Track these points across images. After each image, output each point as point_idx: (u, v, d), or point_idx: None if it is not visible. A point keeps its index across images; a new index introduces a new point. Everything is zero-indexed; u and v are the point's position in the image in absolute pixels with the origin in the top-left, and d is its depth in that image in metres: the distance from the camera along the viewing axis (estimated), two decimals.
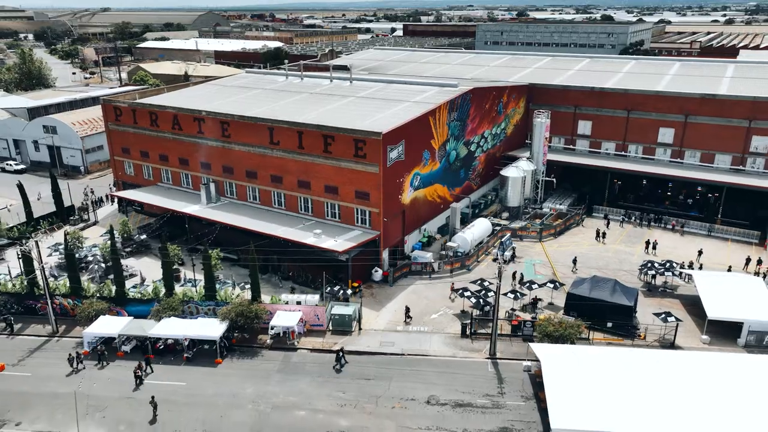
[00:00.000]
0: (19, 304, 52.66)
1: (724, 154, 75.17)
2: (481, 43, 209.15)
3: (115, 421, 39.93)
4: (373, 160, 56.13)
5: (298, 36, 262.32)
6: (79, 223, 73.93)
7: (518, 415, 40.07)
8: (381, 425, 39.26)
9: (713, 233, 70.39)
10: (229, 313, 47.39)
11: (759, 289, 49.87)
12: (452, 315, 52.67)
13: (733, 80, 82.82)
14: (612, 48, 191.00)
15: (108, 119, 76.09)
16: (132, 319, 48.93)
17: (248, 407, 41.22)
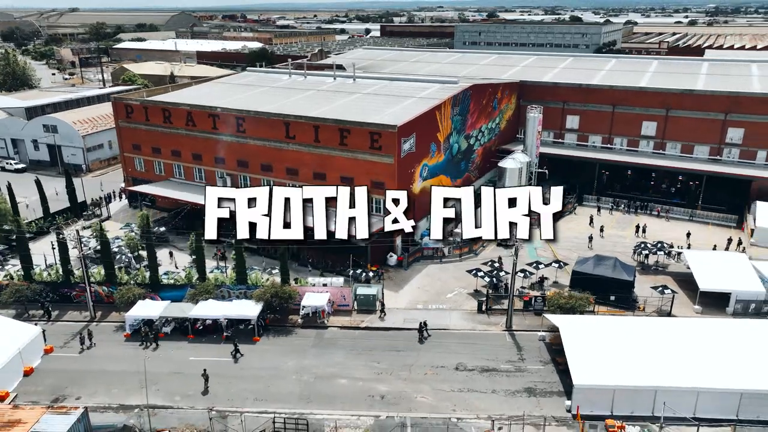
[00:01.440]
0: (55, 293, 54.91)
1: (702, 145, 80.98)
2: (460, 43, 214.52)
3: (170, 393, 42.87)
4: (388, 151, 59.93)
5: (278, 37, 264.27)
6: (92, 218, 75.88)
7: (539, 377, 44.35)
8: (417, 389, 43.10)
9: (694, 218, 75.96)
10: (265, 294, 50.66)
11: (743, 264, 55.23)
12: (466, 294, 56.83)
13: (708, 77, 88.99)
14: (586, 48, 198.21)
15: (118, 117, 78.18)
16: (170, 303, 51.76)
17: (292, 378, 44.62)
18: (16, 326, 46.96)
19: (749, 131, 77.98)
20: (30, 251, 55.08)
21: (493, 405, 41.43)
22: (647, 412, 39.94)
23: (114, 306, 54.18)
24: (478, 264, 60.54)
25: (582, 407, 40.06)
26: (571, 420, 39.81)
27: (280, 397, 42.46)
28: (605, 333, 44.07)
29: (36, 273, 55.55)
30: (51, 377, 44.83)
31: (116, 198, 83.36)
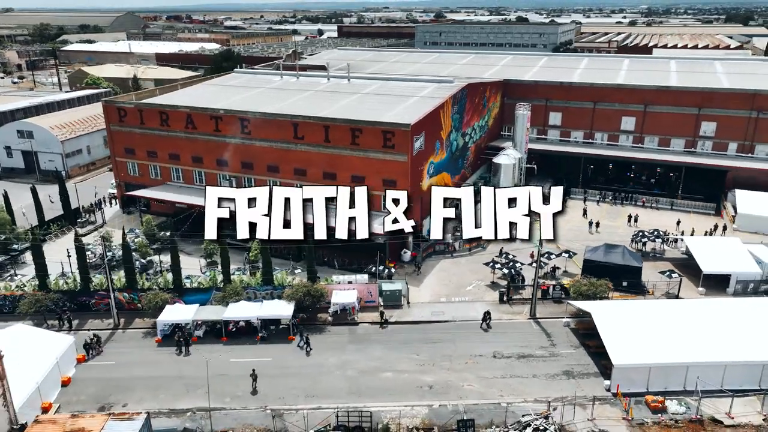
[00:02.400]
0: (72, 301, 53.60)
1: (678, 138, 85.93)
2: (421, 43, 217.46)
3: (219, 394, 42.82)
4: (401, 149, 61.24)
5: (235, 38, 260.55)
6: (86, 225, 73.91)
7: (573, 360, 46.67)
8: (462, 377, 44.65)
9: (675, 207, 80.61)
10: (297, 293, 51.09)
11: (739, 247, 59.35)
12: (484, 286, 58.79)
13: (678, 74, 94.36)
14: (544, 47, 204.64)
15: (110, 120, 76.33)
16: (199, 306, 51.46)
17: (336, 373, 45.36)
18: (50, 336, 45.80)
19: (721, 124, 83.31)
20: (45, 260, 53.47)
21: (536, 389, 43.41)
22: (680, 387, 42.79)
23: (136, 312, 53.48)
24: (487, 257, 62.65)
25: (621, 386, 42.54)
26: (613, 398, 42.18)
27: (329, 393, 43.13)
28: (634, 315, 46.81)
29: (52, 282, 54.00)
30: (91, 386, 43.99)
31: (106, 204, 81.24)
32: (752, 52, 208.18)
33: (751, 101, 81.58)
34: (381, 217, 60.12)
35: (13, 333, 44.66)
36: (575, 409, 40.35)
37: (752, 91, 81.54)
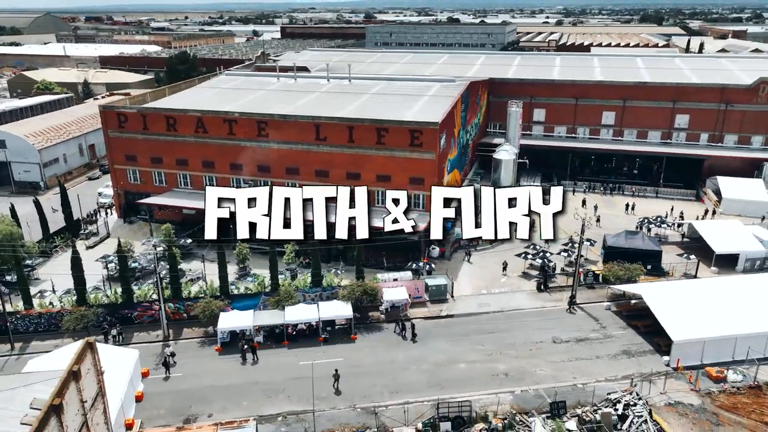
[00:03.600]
0: (113, 315, 51.50)
1: (655, 130, 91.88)
2: (372, 43, 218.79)
3: (302, 397, 42.64)
4: (429, 147, 62.55)
5: (177, 39, 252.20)
6: (90, 236, 70.62)
7: (627, 340, 49.65)
8: (532, 363, 46.60)
9: (659, 195, 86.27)
10: (354, 293, 51.41)
11: (741, 229, 64.68)
12: (517, 277, 61.09)
13: (646, 70, 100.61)
14: (492, 47, 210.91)
15: (108, 126, 73.19)
16: (255, 311, 50.80)
17: (412, 368, 46.19)
18: (116, 351, 43.94)
19: (693, 117, 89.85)
20: (84, 273, 51.07)
21: (602, 369, 45.98)
22: (729, 358, 46.52)
23: (183, 322, 52.14)
24: (513, 250, 64.88)
25: (680, 360, 45.80)
26: (674, 372, 45.33)
27: (412, 387, 43.94)
28: (680, 295, 50.41)
29: (92, 296, 51.66)
30: (166, 399, 42.70)
31: (100, 214, 77.81)
32: (679, 50, 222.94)
33: (720, 95, 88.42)
34: (414, 213, 61.27)
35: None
36: (646, 384, 43.12)
37: (721, 85, 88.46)
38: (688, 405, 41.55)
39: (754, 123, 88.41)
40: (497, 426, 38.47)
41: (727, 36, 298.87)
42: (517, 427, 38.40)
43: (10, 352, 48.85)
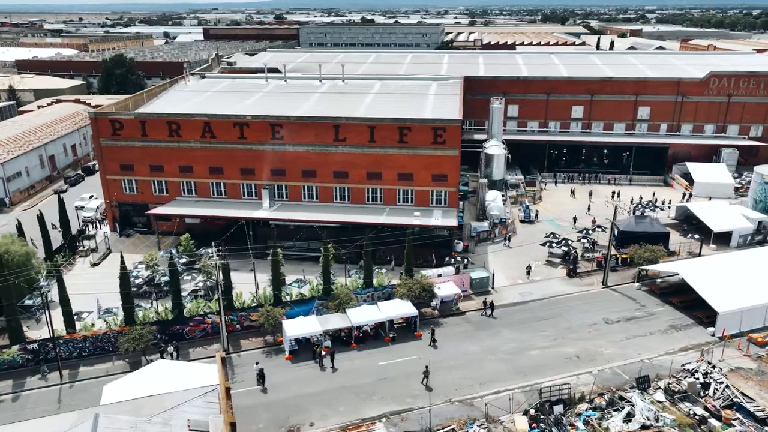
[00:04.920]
0: (164, 332, 48.73)
1: (620, 122, 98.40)
2: (306, 44, 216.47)
3: (397, 396, 42.65)
4: (452, 144, 63.85)
5: (94, 42, 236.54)
6: (90, 253, 65.93)
7: (669, 316, 53.39)
8: (595, 344, 49.07)
9: (633, 182, 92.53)
10: (414, 289, 51.70)
11: (728, 208, 71.01)
12: (542, 265, 63.69)
13: (605, 66, 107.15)
14: (427, 46, 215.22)
15: (101, 135, 68.55)
16: (317, 317, 49.85)
17: (489, 358, 47.29)
18: (198, 367, 41.69)
19: (654, 109, 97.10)
20: (131, 290, 47.88)
21: (659, 344, 49.25)
22: (761, 324, 51.34)
23: (236, 334, 50.26)
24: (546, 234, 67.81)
25: (724, 330, 49.98)
26: (722, 341, 49.36)
27: (499, 376, 45.01)
28: (712, 269, 54.76)
29: (141, 315, 48.58)
30: (261, 411, 41.14)
31: (89, 228, 72.69)
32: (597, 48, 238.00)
33: (676, 87, 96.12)
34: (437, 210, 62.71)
35: (165, 369, 40.24)
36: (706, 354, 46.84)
37: (677, 79, 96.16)
38: (748, 369, 45.52)
39: (706, 113, 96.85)
40: (601, 404, 40.39)
41: (627, 35, 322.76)
42: (619, 403, 40.49)
43: (60, 381, 45.00)
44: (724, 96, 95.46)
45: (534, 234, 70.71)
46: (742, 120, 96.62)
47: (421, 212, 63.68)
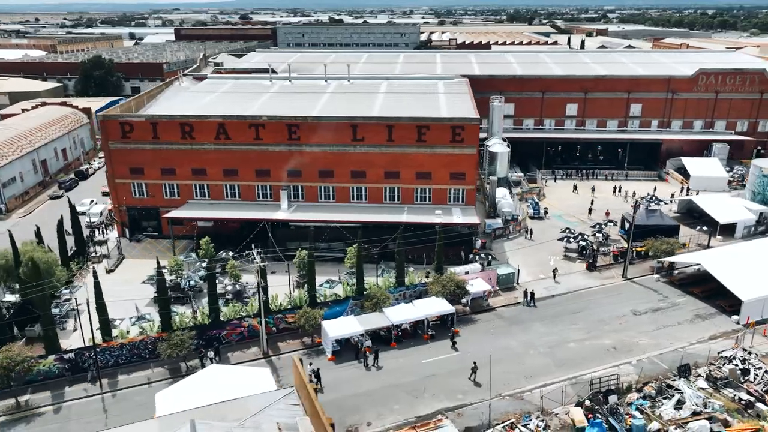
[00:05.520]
0: (201, 337, 47.88)
1: (612, 119, 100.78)
2: (284, 44, 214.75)
3: (449, 393, 42.96)
4: (470, 142, 64.43)
5: (62, 43, 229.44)
6: (103, 259, 64.31)
7: (693, 305, 55.00)
8: (629, 335, 50.25)
9: (629, 177, 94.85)
10: (449, 287, 52.03)
11: (732, 201, 73.50)
12: (560, 260, 64.79)
13: (601, 64, 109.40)
14: (406, 46, 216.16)
15: (109, 138, 66.84)
16: (356, 317, 49.73)
17: (530, 353, 47.96)
18: (252, 372, 41.14)
19: (645, 105, 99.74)
20: (168, 296, 46.91)
21: (689, 333, 50.73)
22: None
23: (272, 336, 49.75)
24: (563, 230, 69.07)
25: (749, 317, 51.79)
26: (746, 329, 51.12)
27: (543, 370, 45.67)
28: (730, 259, 56.57)
29: (177, 320, 47.63)
30: None
31: (97, 234, 70.90)
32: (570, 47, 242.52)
33: (666, 85, 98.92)
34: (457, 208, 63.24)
35: (217, 375, 39.65)
36: (732, 341, 48.46)
37: (668, 77, 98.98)
38: None
39: (695, 109, 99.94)
40: (650, 393, 41.43)
41: (593, 34, 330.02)
42: (668, 391, 41.59)
43: (101, 390, 43.82)
44: (712, 93, 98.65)
45: (545, 230, 71.89)
46: (729, 116, 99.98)
47: (442, 210, 64.02)
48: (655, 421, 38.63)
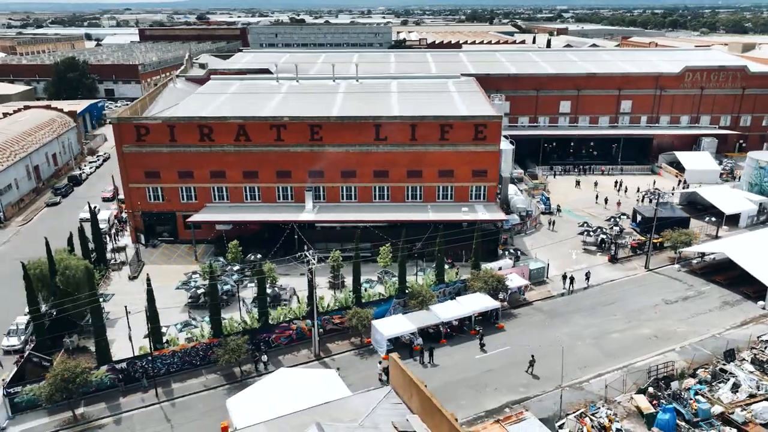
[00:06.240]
0: (251, 341, 47.13)
1: (604, 115, 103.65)
2: (256, 45, 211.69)
3: (509, 387, 43.58)
4: (492, 140, 65.34)
5: (21, 44, 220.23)
6: (123, 266, 62.48)
7: (718, 293, 57.19)
8: (666, 324, 51.88)
9: (624, 172, 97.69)
10: (491, 282, 52.69)
11: (732, 191, 76.63)
12: (582, 252, 66.37)
13: (591, 62, 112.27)
14: (380, 45, 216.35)
15: (124, 141, 64.92)
16: (405, 315, 49.83)
17: (578, 344, 49.00)
18: (320, 374, 40.73)
19: (635, 102, 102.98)
20: (219, 301, 45.96)
21: (720, 319, 52.74)
22: None
23: (321, 337, 49.42)
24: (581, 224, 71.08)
25: None
26: None
27: (594, 360, 46.77)
28: (749, 247, 59.02)
29: (226, 325, 46.75)
30: None
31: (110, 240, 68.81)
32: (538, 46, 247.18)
33: (655, 82, 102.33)
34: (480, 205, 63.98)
35: (288, 378, 39.18)
36: (762, 327, 50.75)
37: (656, 74, 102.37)
38: None
39: (681, 105, 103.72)
40: (706, 377, 43.00)
41: (554, 33, 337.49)
42: (722, 375, 43.24)
43: (158, 399, 42.66)
44: (698, 89, 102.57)
45: (558, 224, 73.54)
46: (713, 111, 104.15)
47: (468, 206, 64.71)
48: (717, 405, 40.11)
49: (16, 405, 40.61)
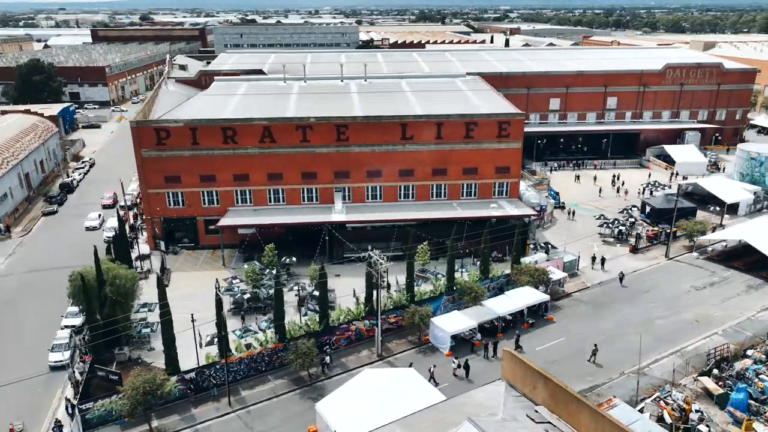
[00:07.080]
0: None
1: (591, 112, 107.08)
2: (221, 45, 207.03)
3: (577, 376, 44.54)
4: (516, 137, 66.56)
5: None
6: (147, 275, 60.32)
7: (740, 278, 60.20)
8: (703, 309, 54.27)
9: (616, 166, 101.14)
10: (536, 278, 53.72)
11: (732, 182, 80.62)
12: (601, 244, 68.47)
13: (575, 60, 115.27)
14: (347, 45, 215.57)
15: (143, 145, 62.66)
16: (459, 312, 50.22)
17: (629, 331, 50.52)
18: (401, 372, 40.56)
19: (620, 99, 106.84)
20: (283, 306, 45.03)
21: (750, 302, 55.57)
22: None
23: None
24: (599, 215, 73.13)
25: None
26: None
27: (646, 347, 47.27)
28: (765, 233, 62.29)
29: (291, 329, 45.93)
30: None
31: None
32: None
33: (639, 79, 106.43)
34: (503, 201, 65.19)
35: (374, 378, 39.06)
36: None
37: (639, 71, 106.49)
38: None
39: (663, 100, 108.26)
40: (760, 357, 45.29)
41: (507, 32, 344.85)
42: None
43: (231, 408, 41.51)
44: (678, 85, 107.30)
45: (569, 218, 75.62)
46: (692, 106, 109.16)
47: (494, 202, 65.69)
48: None
49: (87, 422, 38.74)
